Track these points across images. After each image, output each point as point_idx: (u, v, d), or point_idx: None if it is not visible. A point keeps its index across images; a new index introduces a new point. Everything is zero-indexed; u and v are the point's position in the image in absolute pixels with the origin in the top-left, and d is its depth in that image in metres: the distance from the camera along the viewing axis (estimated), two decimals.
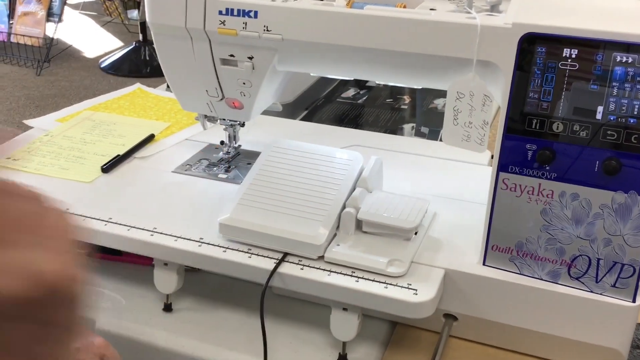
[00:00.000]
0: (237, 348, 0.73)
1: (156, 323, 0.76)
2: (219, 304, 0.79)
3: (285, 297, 0.79)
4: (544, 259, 0.67)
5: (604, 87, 0.61)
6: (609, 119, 0.61)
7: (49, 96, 3.57)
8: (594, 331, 0.67)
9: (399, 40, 0.69)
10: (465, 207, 0.81)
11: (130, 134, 1.00)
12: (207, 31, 0.75)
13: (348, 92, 1.41)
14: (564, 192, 0.64)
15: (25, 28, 3.85)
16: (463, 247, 0.73)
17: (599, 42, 0.60)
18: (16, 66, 3.94)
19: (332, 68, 0.80)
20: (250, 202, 0.74)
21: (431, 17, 0.67)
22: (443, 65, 0.69)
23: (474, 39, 0.65)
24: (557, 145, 0.63)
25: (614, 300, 0.65)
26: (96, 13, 4.94)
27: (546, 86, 0.63)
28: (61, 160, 0.92)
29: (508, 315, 0.70)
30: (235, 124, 0.90)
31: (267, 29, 0.73)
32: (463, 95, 0.68)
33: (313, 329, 0.75)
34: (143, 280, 0.80)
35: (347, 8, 0.71)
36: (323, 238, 0.71)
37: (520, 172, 0.65)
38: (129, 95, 1.17)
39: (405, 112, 1.33)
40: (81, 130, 1.01)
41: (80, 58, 4.21)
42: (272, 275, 0.69)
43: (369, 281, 0.67)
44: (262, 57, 0.76)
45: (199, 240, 0.73)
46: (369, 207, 0.73)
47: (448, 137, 0.71)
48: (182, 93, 0.86)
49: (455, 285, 0.70)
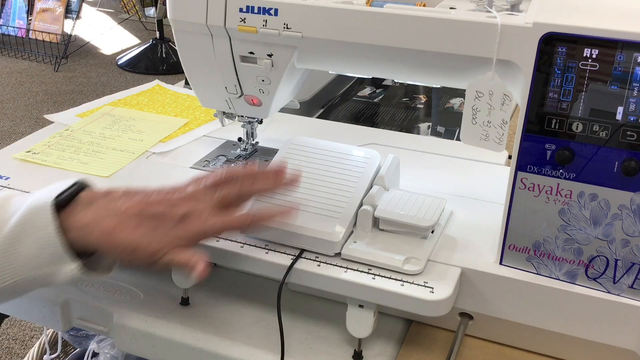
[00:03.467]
0: (252, 343, 0.73)
1: (173, 317, 0.77)
2: (235, 299, 0.80)
3: (301, 293, 0.80)
4: (561, 259, 0.67)
5: (624, 88, 0.61)
6: (629, 120, 0.61)
7: (66, 92, 3.60)
8: (611, 332, 0.67)
9: (419, 39, 0.69)
10: (482, 207, 0.81)
11: (149, 129, 1.01)
12: (228, 28, 0.76)
13: (364, 91, 1.42)
14: (583, 192, 0.64)
15: (44, 24, 3.89)
16: (480, 246, 0.73)
17: (620, 43, 0.60)
18: (34, 62, 3.98)
19: (350, 66, 0.80)
20: (268, 199, 0.75)
21: (451, 15, 0.67)
22: (462, 64, 0.70)
23: (494, 38, 0.65)
24: (576, 145, 0.63)
25: (631, 302, 0.65)
26: (113, 10, 4.98)
27: (566, 86, 0.63)
28: (80, 155, 0.93)
29: (524, 315, 0.70)
30: (253, 121, 0.91)
31: (287, 26, 0.73)
32: (482, 95, 0.68)
33: (328, 325, 0.76)
34: (161, 274, 0.81)
35: (367, 6, 0.71)
36: (340, 235, 0.71)
37: (539, 171, 0.65)
38: (148, 92, 1.18)
39: (421, 111, 1.33)
40: (101, 126, 1.02)
41: (97, 55, 4.25)
42: (289, 271, 0.70)
43: (385, 278, 0.68)
44: (281, 54, 0.77)
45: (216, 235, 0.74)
46: (386, 205, 0.74)
47: (466, 136, 0.71)
48: (202, 90, 0.87)
49: (472, 284, 0.70)
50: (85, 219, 0.64)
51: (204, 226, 0.66)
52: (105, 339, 1.00)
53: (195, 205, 0.66)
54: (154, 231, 0.64)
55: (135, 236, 0.63)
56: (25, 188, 0.84)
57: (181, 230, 0.65)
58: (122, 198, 0.66)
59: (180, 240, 0.65)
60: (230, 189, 0.69)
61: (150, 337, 0.76)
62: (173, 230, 0.65)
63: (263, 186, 0.70)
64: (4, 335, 1.92)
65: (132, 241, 0.63)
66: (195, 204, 0.67)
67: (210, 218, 0.66)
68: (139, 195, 0.67)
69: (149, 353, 0.77)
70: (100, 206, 0.65)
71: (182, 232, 0.65)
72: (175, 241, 0.64)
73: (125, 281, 0.82)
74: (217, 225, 0.66)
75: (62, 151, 0.94)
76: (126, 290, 0.81)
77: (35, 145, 0.96)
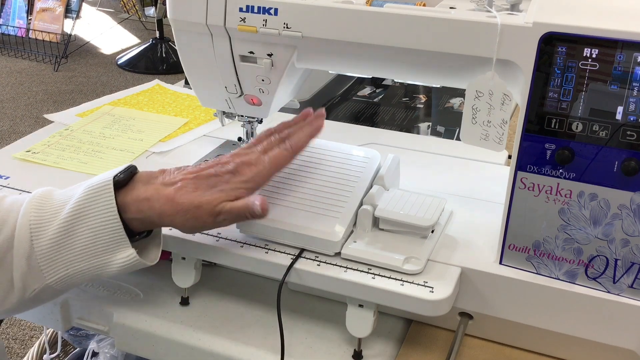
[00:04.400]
0: (252, 343, 0.73)
1: (173, 317, 0.77)
2: (235, 298, 0.80)
3: (301, 293, 0.80)
4: (561, 258, 0.67)
5: (624, 88, 0.61)
6: (629, 119, 0.61)
7: (66, 92, 3.60)
8: (611, 332, 0.67)
9: (419, 39, 0.69)
10: (482, 206, 0.81)
11: (149, 129, 1.01)
12: (228, 28, 0.76)
13: (364, 91, 1.42)
14: (583, 192, 0.64)
15: (44, 24, 3.89)
16: (480, 245, 0.73)
17: (620, 42, 0.60)
18: (34, 62, 3.97)
19: (350, 66, 0.80)
20: (268, 199, 0.75)
21: (451, 15, 0.67)
22: (462, 64, 0.70)
23: (494, 37, 0.65)
24: (576, 145, 0.63)
25: (631, 301, 0.65)
26: (113, 10, 4.98)
27: (566, 86, 0.63)
28: (80, 154, 0.93)
29: (524, 315, 0.70)
30: (253, 121, 0.91)
31: (287, 26, 0.73)
32: (482, 94, 0.68)
33: (328, 325, 0.76)
34: (161, 274, 0.81)
35: (367, 6, 0.71)
36: (340, 235, 0.71)
37: (539, 171, 0.65)
38: (147, 91, 1.18)
39: (420, 111, 1.33)
40: (100, 125, 1.02)
41: (97, 54, 4.24)
42: (289, 270, 0.70)
43: (385, 278, 0.68)
44: (281, 54, 0.77)
45: (216, 235, 0.74)
46: (385, 205, 0.74)
47: (466, 135, 0.71)
48: (201, 89, 0.87)
49: (472, 283, 0.70)
50: (146, 193, 0.67)
51: (257, 167, 0.69)
52: (105, 339, 1.00)
53: (244, 157, 0.71)
54: (212, 188, 0.68)
55: (195, 195, 0.67)
56: (25, 188, 0.84)
57: (237, 179, 0.69)
58: (175, 172, 0.70)
59: (239, 188, 0.68)
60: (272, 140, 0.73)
61: (150, 337, 0.76)
62: (230, 182, 0.68)
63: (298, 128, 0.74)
64: (4, 334, 1.92)
65: (193, 200, 0.67)
66: (244, 156, 0.71)
67: (261, 158, 0.70)
68: (191, 167, 0.71)
69: (149, 353, 0.77)
70: (158, 181, 0.69)
71: (238, 180, 0.68)
72: (234, 191, 0.68)
73: (125, 281, 0.82)
74: (267, 162, 0.70)
75: (62, 151, 0.94)
76: (126, 290, 0.81)
77: (35, 144, 0.96)
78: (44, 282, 0.67)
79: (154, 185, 0.68)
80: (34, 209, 0.67)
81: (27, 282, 0.66)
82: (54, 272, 0.66)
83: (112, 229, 0.66)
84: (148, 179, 0.69)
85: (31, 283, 0.66)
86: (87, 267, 0.67)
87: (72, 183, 0.85)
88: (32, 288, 0.67)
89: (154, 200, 0.67)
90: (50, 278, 0.66)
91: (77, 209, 0.66)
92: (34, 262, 0.66)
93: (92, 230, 0.66)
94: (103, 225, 0.66)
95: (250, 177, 0.69)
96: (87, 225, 0.66)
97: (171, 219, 0.67)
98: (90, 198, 0.66)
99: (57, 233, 0.66)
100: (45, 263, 0.66)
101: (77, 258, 0.66)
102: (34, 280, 0.66)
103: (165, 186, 0.68)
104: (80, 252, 0.66)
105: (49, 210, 0.67)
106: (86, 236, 0.66)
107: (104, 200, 0.66)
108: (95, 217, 0.66)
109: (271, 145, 0.72)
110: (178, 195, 0.67)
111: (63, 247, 0.66)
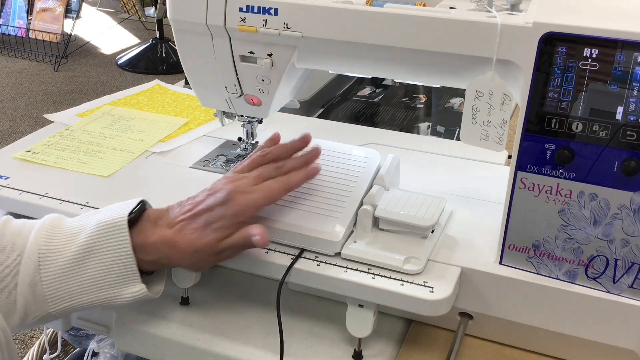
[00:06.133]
0: (252, 343, 0.73)
1: (173, 317, 0.77)
2: (235, 298, 0.80)
3: (301, 293, 0.80)
4: (561, 258, 0.67)
5: (624, 88, 0.61)
6: (629, 120, 0.61)
7: (66, 92, 3.60)
8: (611, 332, 0.67)
9: (419, 39, 0.69)
10: (482, 206, 0.81)
11: (149, 129, 1.01)
12: (228, 28, 0.76)
13: (364, 91, 1.42)
14: (583, 192, 0.64)
15: (44, 24, 3.89)
16: (480, 245, 0.73)
17: (620, 42, 0.60)
18: (34, 62, 3.97)
19: (350, 66, 0.80)
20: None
21: (451, 15, 0.67)
22: (462, 64, 0.70)
23: (494, 38, 0.65)
24: (576, 145, 0.63)
25: (631, 301, 0.65)
26: (113, 10, 4.98)
27: (566, 86, 0.63)
28: (80, 154, 0.93)
29: (524, 315, 0.70)
30: (253, 121, 0.91)
31: (287, 26, 0.73)
32: (482, 94, 0.68)
33: (328, 325, 0.76)
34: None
35: (367, 6, 0.71)
36: (340, 235, 0.71)
37: (539, 171, 0.65)
38: (147, 91, 1.18)
39: (420, 111, 1.33)
40: (100, 125, 1.02)
41: (97, 54, 4.24)
42: (289, 271, 0.70)
43: (385, 278, 0.68)
44: (281, 54, 0.77)
45: None
46: (386, 205, 0.74)
47: (466, 135, 0.71)
48: (201, 89, 0.87)
49: (472, 283, 0.70)
50: (153, 237, 0.67)
51: (250, 196, 0.68)
52: (105, 339, 1.00)
53: (238, 182, 0.70)
54: (208, 226, 0.67)
55: (193, 238, 0.67)
56: (25, 188, 0.84)
57: (231, 209, 0.67)
58: (177, 208, 0.70)
59: (232, 224, 0.67)
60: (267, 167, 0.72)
61: (150, 337, 0.76)
62: (223, 218, 0.67)
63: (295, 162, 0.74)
64: None
65: (192, 245, 0.67)
66: (237, 181, 0.70)
67: (253, 187, 0.69)
68: (189, 200, 0.70)
69: (149, 353, 0.77)
70: (163, 222, 0.69)
71: (230, 214, 0.67)
72: (228, 228, 0.67)
73: None
74: (261, 193, 0.69)
75: (62, 151, 0.94)
76: None
77: (35, 145, 0.96)
78: (47, 311, 0.67)
79: (160, 228, 0.68)
80: (44, 238, 0.67)
81: (30, 309, 0.67)
82: (59, 301, 0.67)
83: (124, 264, 0.66)
84: (155, 220, 0.69)
85: (34, 310, 0.67)
86: (94, 299, 0.67)
87: (72, 183, 0.86)
88: (34, 315, 0.67)
89: (159, 244, 0.67)
90: (54, 308, 0.67)
91: (89, 243, 0.66)
92: (39, 290, 0.66)
93: (104, 265, 0.66)
94: (115, 260, 0.66)
95: (241, 209, 0.68)
96: (99, 259, 0.66)
97: (178, 262, 0.69)
98: (103, 233, 0.67)
99: (67, 264, 0.66)
100: (51, 292, 0.66)
101: (84, 290, 0.67)
102: (37, 308, 0.67)
103: (169, 228, 0.68)
104: (89, 284, 0.66)
105: (59, 239, 0.67)
106: (97, 269, 0.66)
107: (117, 238, 0.66)
108: (108, 252, 0.66)
109: (265, 174, 0.71)
110: (178, 238, 0.67)
111: (72, 278, 0.66)
